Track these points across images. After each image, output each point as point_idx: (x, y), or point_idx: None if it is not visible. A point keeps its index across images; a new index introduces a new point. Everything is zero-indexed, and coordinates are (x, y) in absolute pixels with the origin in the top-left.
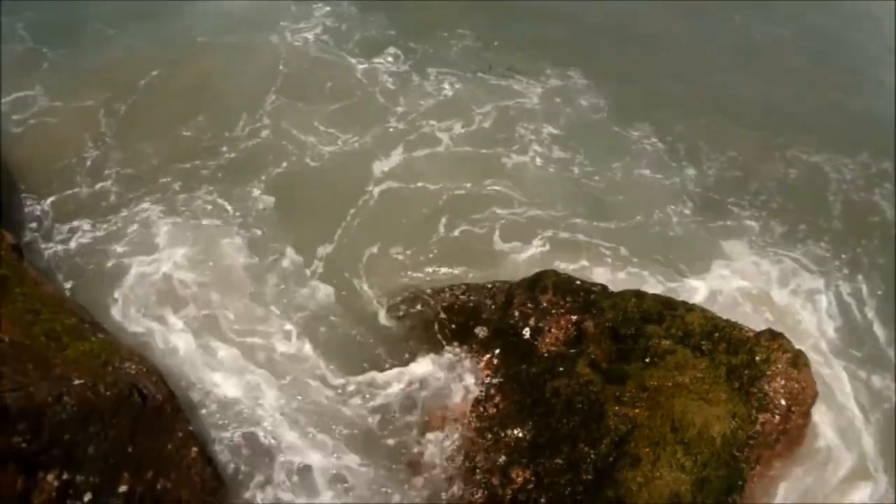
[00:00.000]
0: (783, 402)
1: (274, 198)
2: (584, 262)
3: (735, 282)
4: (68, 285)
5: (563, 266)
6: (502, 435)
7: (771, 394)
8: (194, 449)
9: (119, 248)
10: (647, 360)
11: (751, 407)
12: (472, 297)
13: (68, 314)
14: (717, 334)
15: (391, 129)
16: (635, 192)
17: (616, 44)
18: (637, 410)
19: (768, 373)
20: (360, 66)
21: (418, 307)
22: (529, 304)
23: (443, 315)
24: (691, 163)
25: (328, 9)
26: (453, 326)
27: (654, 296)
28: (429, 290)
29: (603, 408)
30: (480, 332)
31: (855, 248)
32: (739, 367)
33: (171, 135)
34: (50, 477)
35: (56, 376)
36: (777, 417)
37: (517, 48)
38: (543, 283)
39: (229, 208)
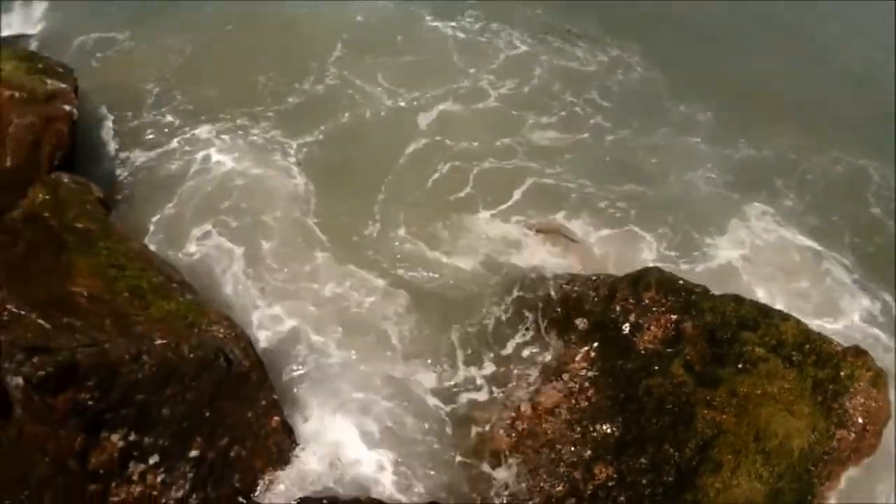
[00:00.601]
0: (860, 419)
1: (332, 146)
2: (561, 213)
3: (746, 257)
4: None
5: (518, 217)
6: (591, 429)
7: (850, 411)
8: (276, 418)
9: (181, 178)
10: (740, 365)
11: (830, 422)
12: (576, 288)
13: (156, 272)
14: (808, 346)
15: (455, 87)
16: (669, 161)
17: (680, 27)
18: (725, 416)
19: (851, 389)
20: (434, 24)
21: (520, 292)
22: (631, 300)
23: (544, 303)
24: (734, 144)
25: None
26: (554, 315)
27: (752, 302)
28: (533, 276)
29: (693, 410)
30: (581, 323)
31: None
32: (825, 381)
33: (243, 81)
34: (115, 437)
35: (136, 334)
36: (853, 435)
37: (588, 18)
38: (647, 280)
39: (286, 151)
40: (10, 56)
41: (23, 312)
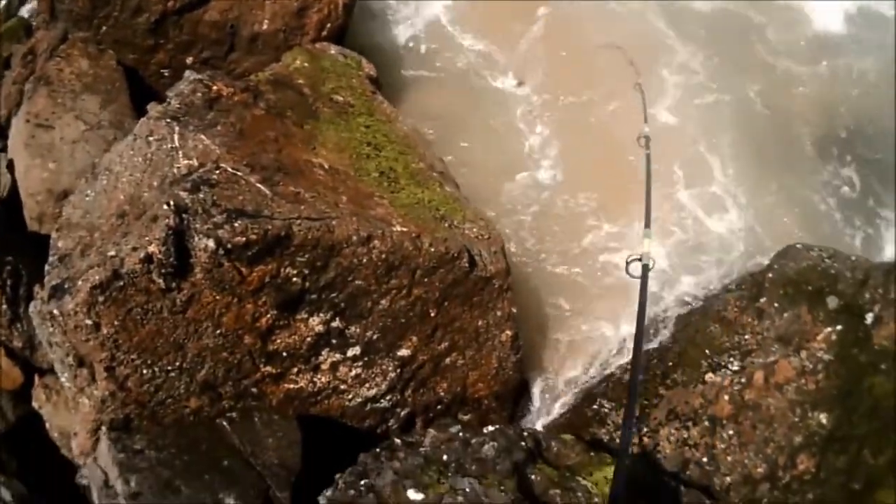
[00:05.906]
0: None
1: None
2: None
3: None
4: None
5: None
6: (809, 416)
7: None
8: (508, 332)
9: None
10: None
11: None
12: (835, 264)
13: (417, 157)
14: None
15: None
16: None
17: None
18: None
19: None
20: None
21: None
22: (880, 290)
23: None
24: None
25: None
26: (809, 288)
27: None
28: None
29: None
30: (832, 302)
31: None
32: None
33: None
34: (314, 321)
35: (373, 217)
36: None
37: None
38: None
39: None
40: None
41: (239, 173)
